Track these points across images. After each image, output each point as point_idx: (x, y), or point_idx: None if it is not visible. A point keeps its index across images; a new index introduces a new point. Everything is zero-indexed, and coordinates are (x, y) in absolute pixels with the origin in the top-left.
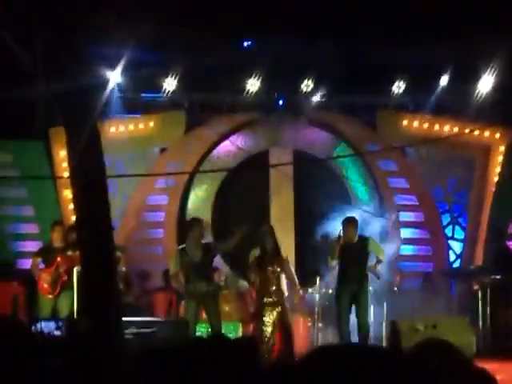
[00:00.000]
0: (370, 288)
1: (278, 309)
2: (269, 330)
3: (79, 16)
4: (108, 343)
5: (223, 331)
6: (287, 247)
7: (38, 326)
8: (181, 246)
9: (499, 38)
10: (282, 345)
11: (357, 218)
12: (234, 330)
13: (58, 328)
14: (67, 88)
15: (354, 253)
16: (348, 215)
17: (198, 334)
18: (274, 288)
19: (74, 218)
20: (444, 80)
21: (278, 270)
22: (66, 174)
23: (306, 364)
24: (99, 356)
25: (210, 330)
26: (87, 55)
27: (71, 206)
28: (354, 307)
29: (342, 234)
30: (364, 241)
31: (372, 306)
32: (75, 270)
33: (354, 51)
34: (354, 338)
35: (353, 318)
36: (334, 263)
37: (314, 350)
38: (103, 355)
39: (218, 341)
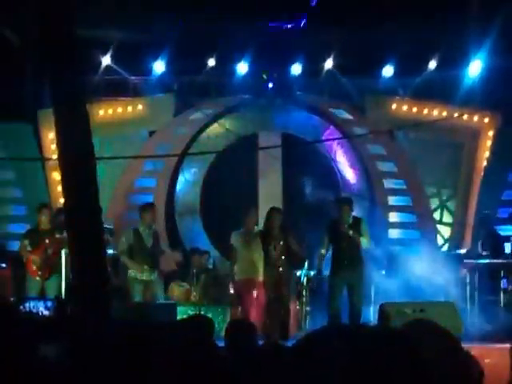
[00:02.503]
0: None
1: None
2: None
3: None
4: (97, 326)
5: (211, 315)
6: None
7: (27, 305)
8: (134, 228)
9: (488, 22)
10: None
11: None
12: (221, 314)
13: (46, 308)
14: (56, 70)
15: (348, 235)
16: (343, 196)
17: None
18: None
19: (62, 200)
20: (433, 64)
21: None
22: (55, 156)
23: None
24: (89, 339)
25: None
26: (77, 37)
27: (59, 188)
28: (347, 289)
29: (336, 216)
30: (357, 223)
31: None
32: (63, 252)
33: (344, 35)
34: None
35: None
36: (325, 252)
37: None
38: (93, 338)
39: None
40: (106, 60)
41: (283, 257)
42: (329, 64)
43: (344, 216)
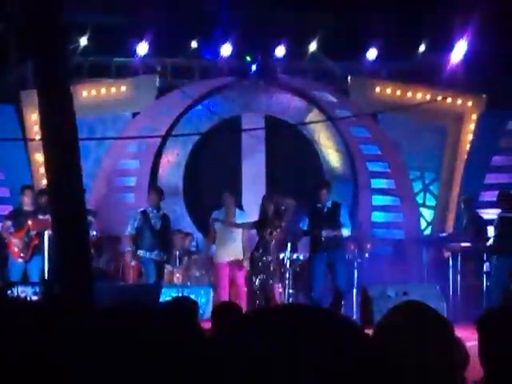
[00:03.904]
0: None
1: None
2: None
3: None
4: (80, 307)
5: (194, 297)
6: (258, 212)
7: (14, 290)
8: (142, 209)
9: (472, 5)
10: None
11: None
12: (204, 295)
13: (35, 293)
14: (41, 53)
15: (327, 217)
16: (322, 178)
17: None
18: None
19: (45, 181)
20: (418, 47)
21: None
22: (38, 138)
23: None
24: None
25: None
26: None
27: (42, 170)
28: (328, 270)
29: (314, 200)
30: (337, 206)
31: None
32: (46, 233)
33: (328, 17)
34: (325, 304)
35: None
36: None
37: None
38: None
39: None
40: (89, 41)
41: (277, 243)
42: (313, 46)
43: (322, 200)
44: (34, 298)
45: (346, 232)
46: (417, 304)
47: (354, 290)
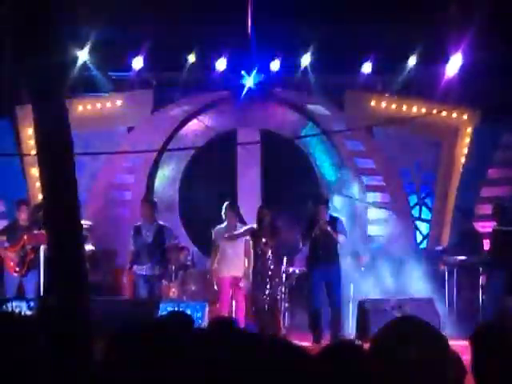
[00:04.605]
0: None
1: None
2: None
3: None
4: (76, 322)
5: (189, 310)
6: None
7: (9, 305)
8: (138, 224)
9: (466, 18)
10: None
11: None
12: (200, 310)
13: (29, 308)
14: (35, 65)
15: (326, 232)
16: (320, 195)
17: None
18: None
19: (40, 196)
20: (412, 61)
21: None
22: (33, 152)
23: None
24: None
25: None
26: (58, 32)
27: (38, 184)
28: (325, 286)
29: (313, 215)
30: (334, 221)
31: None
32: (42, 248)
33: (323, 31)
34: (324, 317)
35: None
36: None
37: None
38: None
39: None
40: (84, 56)
41: (273, 254)
42: (307, 60)
43: (321, 215)
44: (29, 312)
45: (341, 238)
46: (412, 318)
47: (350, 304)
